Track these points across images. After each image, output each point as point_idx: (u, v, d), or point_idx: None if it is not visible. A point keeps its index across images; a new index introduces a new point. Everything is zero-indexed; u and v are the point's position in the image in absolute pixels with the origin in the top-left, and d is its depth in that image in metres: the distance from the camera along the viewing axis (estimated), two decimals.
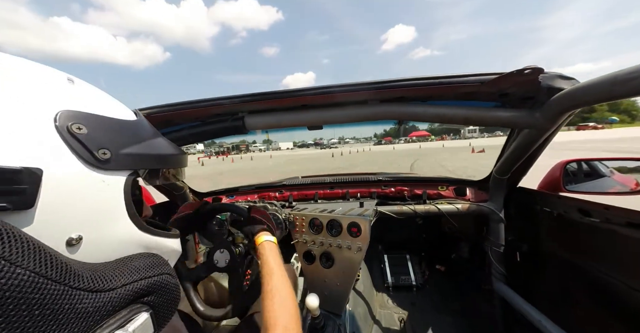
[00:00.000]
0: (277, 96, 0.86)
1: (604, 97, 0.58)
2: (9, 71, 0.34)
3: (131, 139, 0.43)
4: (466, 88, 0.78)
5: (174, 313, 0.46)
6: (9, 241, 0.25)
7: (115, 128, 0.42)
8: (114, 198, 0.40)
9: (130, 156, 0.42)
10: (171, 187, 1.49)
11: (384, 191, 1.72)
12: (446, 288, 1.74)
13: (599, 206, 0.91)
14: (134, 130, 0.45)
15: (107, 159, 0.38)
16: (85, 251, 0.36)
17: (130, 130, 0.44)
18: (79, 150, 0.35)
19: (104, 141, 0.38)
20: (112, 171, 0.39)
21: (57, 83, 0.38)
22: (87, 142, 0.36)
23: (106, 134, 0.39)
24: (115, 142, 0.40)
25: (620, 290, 0.86)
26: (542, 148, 1.01)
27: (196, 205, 0.98)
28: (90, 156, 0.36)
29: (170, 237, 0.51)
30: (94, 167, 0.37)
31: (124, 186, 0.41)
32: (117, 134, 0.41)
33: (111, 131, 0.40)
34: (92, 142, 0.37)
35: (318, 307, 1.04)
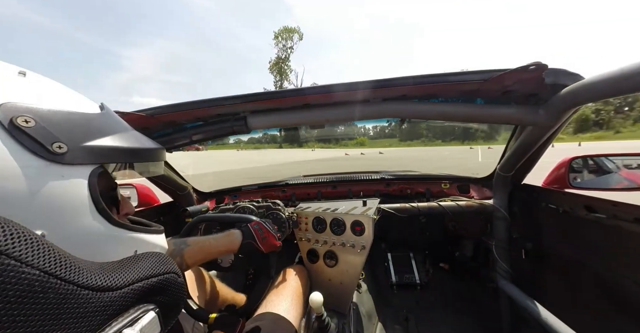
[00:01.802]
0: (279, 95, 0.87)
1: (609, 93, 0.57)
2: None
3: (93, 132, 0.41)
4: (469, 86, 0.77)
5: (179, 313, 0.46)
6: (18, 240, 0.25)
7: (73, 121, 0.40)
8: (77, 193, 0.39)
9: (92, 150, 0.40)
10: (175, 187, 1.50)
11: (387, 190, 1.72)
12: (450, 287, 1.74)
13: (606, 202, 0.89)
14: (97, 123, 0.43)
15: (63, 153, 0.36)
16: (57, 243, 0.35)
17: (92, 123, 0.42)
18: (28, 144, 0.34)
19: (59, 135, 0.37)
20: (72, 166, 0.38)
21: (4, 76, 0.37)
22: (36, 135, 0.35)
23: (61, 127, 0.38)
24: (73, 135, 0.39)
25: (628, 287, 0.85)
26: (546, 144, 1.00)
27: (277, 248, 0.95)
28: (43, 150, 0.35)
29: (152, 233, 0.50)
30: (48, 161, 0.35)
31: (89, 180, 0.39)
32: (74, 127, 0.40)
33: (67, 124, 0.39)
34: (43, 135, 0.35)
35: (322, 306, 1.04)
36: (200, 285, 1.05)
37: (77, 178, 0.39)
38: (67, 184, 0.37)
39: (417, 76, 0.77)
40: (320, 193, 1.78)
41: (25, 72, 0.40)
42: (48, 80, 0.43)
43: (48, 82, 0.43)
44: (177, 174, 1.52)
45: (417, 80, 0.78)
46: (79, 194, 0.39)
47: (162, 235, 0.53)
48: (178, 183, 1.50)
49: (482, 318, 1.45)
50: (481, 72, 0.73)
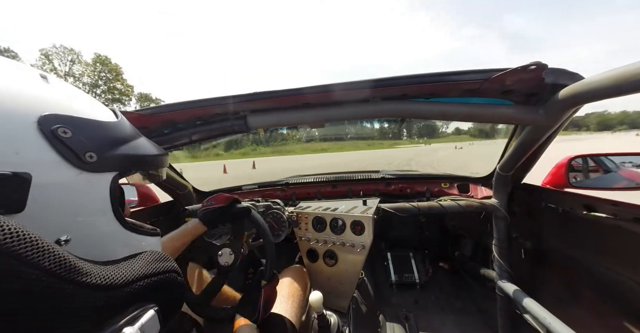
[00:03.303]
0: (279, 94, 0.86)
1: (609, 93, 0.57)
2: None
3: (115, 141, 0.43)
4: (469, 85, 0.77)
5: (179, 311, 0.46)
6: (17, 239, 0.26)
7: (99, 130, 0.41)
8: (101, 199, 0.40)
9: (115, 158, 0.42)
10: (175, 186, 1.50)
11: (387, 189, 1.72)
12: (450, 286, 1.74)
13: (606, 202, 0.90)
14: (117, 131, 0.45)
15: (93, 162, 0.38)
16: (75, 251, 0.36)
17: (114, 131, 0.44)
18: (66, 154, 0.36)
19: (90, 144, 0.38)
20: (98, 173, 0.40)
21: (33, 83, 0.38)
22: (73, 146, 0.36)
23: (91, 136, 0.39)
24: (101, 144, 0.40)
25: (627, 286, 0.85)
26: (546, 144, 1.00)
27: (230, 199, 0.97)
28: (78, 160, 0.37)
29: (152, 235, 0.52)
30: (81, 170, 0.37)
31: (110, 187, 0.41)
32: (101, 136, 0.41)
33: (95, 134, 0.40)
34: (78, 146, 0.37)
35: (322, 305, 1.04)
36: (200, 284, 1.05)
37: (102, 185, 0.41)
38: (92, 190, 0.39)
39: (417, 75, 0.77)
40: (320, 193, 1.78)
41: (46, 76, 0.40)
42: (66, 84, 0.44)
43: (67, 87, 0.43)
44: (177, 173, 1.52)
45: (417, 79, 0.78)
46: (102, 200, 0.41)
47: (158, 237, 0.54)
48: (178, 182, 1.50)
49: (482, 318, 1.46)
50: (481, 71, 0.73)
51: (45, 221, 0.34)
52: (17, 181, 0.31)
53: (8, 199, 0.30)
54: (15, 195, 0.31)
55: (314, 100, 0.91)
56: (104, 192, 0.41)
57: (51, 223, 0.34)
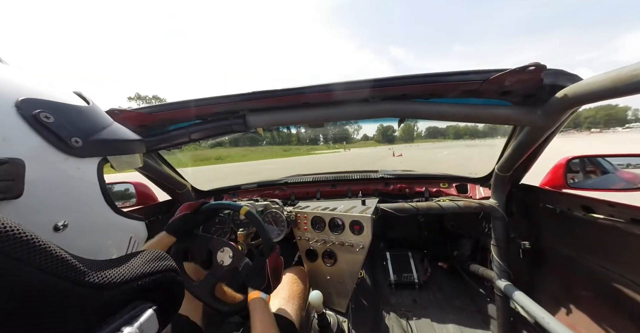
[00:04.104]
0: (278, 94, 0.86)
1: (607, 95, 0.57)
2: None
3: (95, 125, 0.44)
4: (468, 86, 0.77)
5: (177, 311, 0.46)
6: (14, 238, 0.25)
7: (78, 115, 0.41)
8: (90, 184, 0.41)
9: (98, 143, 0.42)
10: (173, 185, 1.50)
11: (386, 189, 1.72)
12: (448, 286, 1.74)
13: (603, 202, 0.90)
14: (95, 116, 0.45)
15: (79, 147, 0.39)
16: (73, 237, 0.37)
17: (92, 116, 0.44)
18: (52, 140, 0.36)
19: (73, 129, 0.39)
20: (85, 159, 0.40)
21: (8, 70, 0.37)
22: (58, 131, 0.36)
23: (72, 121, 0.39)
24: (83, 129, 0.41)
25: (624, 286, 0.86)
26: (544, 145, 1.01)
27: (195, 205, 0.99)
28: (64, 145, 0.37)
29: (140, 220, 0.53)
30: (68, 155, 0.38)
31: (97, 172, 0.42)
32: (81, 121, 0.41)
33: (76, 118, 0.40)
34: (63, 131, 0.37)
35: (321, 305, 1.05)
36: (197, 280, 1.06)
37: (89, 170, 0.41)
38: (82, 176, 0.40)
39: (416, 75, 0.77)
40: (320, 192, 1.78)
41: (1, 58, 0.39)
42: (26, 69, 0.43)
43: (30, 72, 0.42)
44: (175, 172, 1.52)
45: (416, 79, 0.78)
46: (91, 185, 0.41)
47: (144, 222, 0.55)
48: (177, 181, 1.50)
49: (480, 317, 1.46)
50: (480, 72, 0.73)
51: (43, 206, 0.34)
52: (13, 166, 0.31)
53: (7, 185, 0.31)
54: (13, 181, 0.31)
55: (313, 99, 0.91)
56: (93, 177, 0.41)
57: (48, 208, 0.35)
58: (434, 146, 41.85)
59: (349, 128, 12.92)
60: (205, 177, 9.95)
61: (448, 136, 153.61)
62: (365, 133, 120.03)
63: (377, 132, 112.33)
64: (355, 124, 3.71)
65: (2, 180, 0.30)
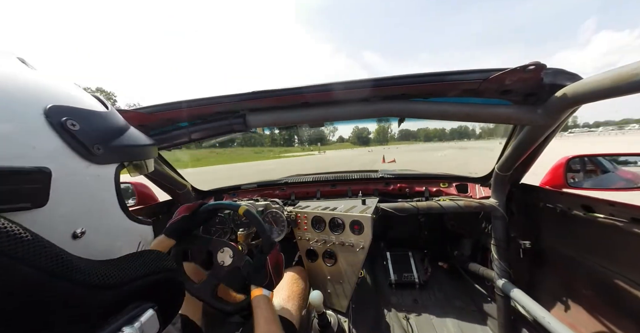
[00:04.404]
0: (278, 93, 0.86)
1: (607, 94, 0.57)
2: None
3: (115, 131, 0.43)
4: (468, 85, 0.77)
5: (178, 311, 0.46)
6: (15, 239, 0.25)
7: (100, 121, 0.41)
8: (108, 191, 0.41)
9: (117, 149, 0.42)
10: (173, 185, 1.50)
11: (386, 189, 1.72)
12: (449, 285, 1.74)
13: (604, 202, 0.90)
14: (114, 122, 0.45)
15: (100, 154, 0.38)
16: (89, 244, 0.37)
17: (111, 122, 0.44)
18: (76, 147, 0.36)
19: (95, 136, 0.38)
20: (104, 165, 0.40)
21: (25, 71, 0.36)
22: (83, 139, 0.36)
23: (95, 128, 0.39)
24: (104, 136, 0.40)
25: (624, 285, 0.86)
26: (544, 144, 1.01)
27: (193, 207, 0.99)
28: (87, 153, 0.37)
29: (149, 224, 0.53)
30: (90, 162, 0.37)
31: (115, 178, 0.42)
32: (103, 127, 0.41)
33: (98, 125, 0.40)
34: (87, 138, 0.37)
35: (322, 304, 1.05)
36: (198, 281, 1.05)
37: (108, 176, 0.41)
38: (101, 183, 0.40)
39: (416, 74, 0.77)
40: (320, 192, 1.78)
41: (25, 60, 0.39)
42: (49, 72, 0.43)
43: (54, 75, 0.42)
44: (176, 172, 1.52)
45: (416, 79, 0.78)
46: (109, 191, 0.41)
47: (151, 226, 0.55)
48: (177, 181, 1.50)
49: (481, 317, 1.46)
50: (480, 71, 0.73)
51: (64, 214, 0.34)
52: (41, 175, 0.31)
53: (34, 194, 0.30)
54: (40, 189, 0.31)
55: (313, 99, 0.91)
56: (110, 183, 0.41)
57: (69, 216, 0.35)
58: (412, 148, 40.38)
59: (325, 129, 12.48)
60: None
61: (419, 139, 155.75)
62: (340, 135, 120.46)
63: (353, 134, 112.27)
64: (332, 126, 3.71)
65: (29, 189, 0.30)
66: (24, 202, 0.29)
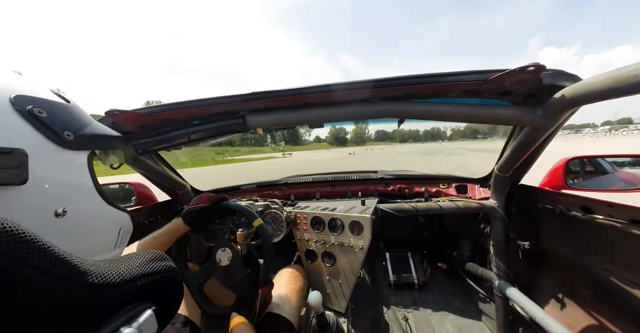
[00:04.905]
0: (278, 94, 0.86)
1: (606, 95, 0.57)
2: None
3: (81, 121, 0.48)
4: (468, 86, 0.77)
5: (177, 311, 0.46)
6: (13, 238, 0.25)
7: (66, 112, 0.45)
8: (82, 175, 0.45)
9: (87, 137, 0.47)
10: (173, 185, 1.49)
11: (386, 189, 1.72)
12: (448, 286, 1.74)
13: (603, 203, 0.90)
14: (79, 113, 0.49)
15: (71, 141, 0.43)
16: (71, 223, 0.41)
17: (76, 113, 0.48)
18: (47, 133, 0.39)
19: (64, 124, 0.43)
20: (76, 151, 0.44)
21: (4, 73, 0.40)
22: (52, 125, 0.40)
23: (62, 117, 0.44)
24: (72, 124, 0.45)
25: (624, 287, 0.86)
26: (544, 145, 1.01)
27: (215, 199, 0.98)
28: (58, 139, 0.41)
29: (125, 212, 0.56)
30: (62, 148, 0.41)
31: (88, 165, 0.46)
32: (69, 117, 0.45)
33: (64, 114, 0.44)
34: (56, 125, 0.41)
35: (321, 305, 1.05)
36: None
37: (81, 162, 0.45)
38: (76, 167, 0.44)
39: (417, 75, 0.77)
40: (319, 193, 1.78)
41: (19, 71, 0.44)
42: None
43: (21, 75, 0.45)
44: (175, 172, 1.52)
45: (416, 80, 0.78)
46: (84, 176, 0.45)
47: (129, 215, 0.58)
48: (176, 181, 1.49)
49: (479, 317, 1.46)
50: (480, 72, 0.73)
51: (44, 193, 0.38)
52: (18, 155, 0.35)
53: (14, 172, 0.35)
54: (19, 168, 0.35)
55: (313, 100, 0.91)
56: (84, 169, 0.45)
57: (49, 195, 0.39)
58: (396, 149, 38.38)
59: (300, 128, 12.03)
60: None
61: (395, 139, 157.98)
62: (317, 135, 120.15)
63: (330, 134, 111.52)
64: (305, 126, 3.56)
65: (10, 168, 0.34)
66: (9, 177, 0.34)
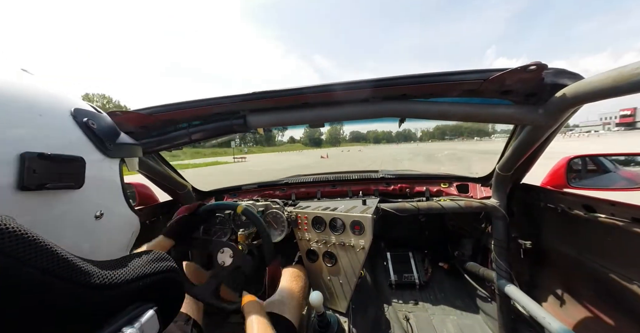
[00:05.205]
0: (278, 94, 0.86)
1: (608, 94, 0.57)
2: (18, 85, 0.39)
3: (115, 131, 0.52)
4: (469, 85, 0.77)
5: (179, 311, 0.46)
6: (16, 238, 0.25)
7: (106, 122, 0.50)
8: (116, 181, 0.50)
9: (120, 146, 0.51)
10: (174, 186, 1.50)
11: (387, 189, 1.72)
12: (449, 286, 1.74)
13: (605, 202, 0.90)
14: (111, 123, 0.53)
15: (111, 149, 0.48)
16: (105, 225, 0.45)
17: (110, 123, 0.52)
18: (96, 142, 0.45)
19: (106, 134, 0.47)
20: (113, 159, 0.49)
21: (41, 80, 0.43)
22: (100, 135, 0.45)
23: (105, 127, 0.48)
24: (111, 134, 0.50)
25: (625, 285, 0.85)
26: (545, 144, 1.00)
27: (192, 208, 0.99)
28: (103, 147, 0.46)
29: (137, 214, 0.59)
30: (105, 156, 0.46)
31: (119, 171, 0.50)
32: (108, 127, 0.50)
33: (105, 125, 0.49)
34: (102, 135, 0.46)
35: (322, 305, 1.04)
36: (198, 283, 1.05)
37: (116, 168, 0.50)
38: (113, 173, 0.49)
39: (417, 75, 0.77)
40: (320, 192, 1.78)
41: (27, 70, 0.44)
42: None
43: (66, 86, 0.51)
44: (176, 173, 1.52)
45: (417, 79, 0.78)
46: (117, 182, 0.50)
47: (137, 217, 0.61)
48: (177, 181, 1.50)
49: (481, 317, 1.46)
50: (481, 71, 0.73)
51: (92, 197, 0.43)
52: (80, 163, 0.40)
53: (76, 177, 0.40)
54: (79, 174, 0.40)
55: (313, 100, 0.91)
56: (117, 175, 0.50)
57: (95, 198, 0.43)
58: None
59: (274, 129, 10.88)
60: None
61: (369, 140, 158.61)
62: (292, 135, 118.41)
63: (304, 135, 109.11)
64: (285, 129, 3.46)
65: (73, 173, 0.39)
66: (71, 182, 0.39)
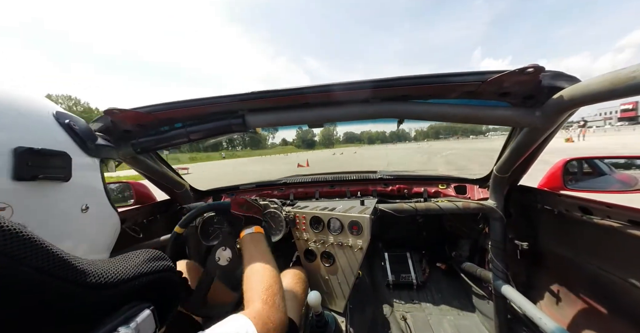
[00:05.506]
0: (278, 94, 0.86)
1: (605, 96, 0.58)
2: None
3: (93, 134, 0.57)
4: (467, 87, 0.77)
5: (175, 311, 0.46)
6: (11, 238, 0.25)
7: (84, 125, 0.54)
8: (98, 179, 0.54)
9: (100, 147, 0.56)
10: (172, 184, 1.49)
11: (385, 190, 1.72)
12: (447, 286, 1.75)
13: (601, 204, 0.91)
14: (89, 127, 0.57)
15: (92, 149, 0.53)
16: (90, 219, 0.49)
17: (88, 127, 0.57)
18: (79, 142, 0.49)
19: (87, 135, 0.52)
20: (94, 158, 0.54)
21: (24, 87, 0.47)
22: (82, 135, 0.50)
23: (85, 129, 0.53)
24: (90, 136, 0.54)
25: (621, 287, 0.86)
26: (542, 146, 1.01)
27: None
28: (85, 147, 0.51)
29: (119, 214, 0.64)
30: (87, 154, 0.51)
31: (100, 169, 0.55)
32: (87, 129, 0.54)
33: (85, 127, 0.54)
34: (84, 135, 0.50)
35: (319, 305, 1.05)
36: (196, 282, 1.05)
37: (97, 166, 0.54)
38: (95, 171, 0.53)
39: (416, 76, 0.78)
40: (319, 192, 1.78)
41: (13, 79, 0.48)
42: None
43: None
44: (174, 172, 1.51)
45: (416, 80, 0.78)
46: (99, 180, 0.54)
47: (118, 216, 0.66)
48: (175, 180, 1.49)
49: (478, 318, 1.46)
50: (479, 73, 0.74)
51: (79, 190, 0.48)
52: (67, 157, 0.45)
53: (65, 170, 0.44)
54: (67, 168, 0.45)
55: (313, 100, 0.91)
56: (99, 173, 0.54)
57: (81, 192, 0.48)
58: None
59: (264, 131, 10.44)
60: None
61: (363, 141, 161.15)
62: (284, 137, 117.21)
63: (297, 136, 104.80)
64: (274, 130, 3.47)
65: (61, 166, 0.44)
66: (60, 174, 0.44)
